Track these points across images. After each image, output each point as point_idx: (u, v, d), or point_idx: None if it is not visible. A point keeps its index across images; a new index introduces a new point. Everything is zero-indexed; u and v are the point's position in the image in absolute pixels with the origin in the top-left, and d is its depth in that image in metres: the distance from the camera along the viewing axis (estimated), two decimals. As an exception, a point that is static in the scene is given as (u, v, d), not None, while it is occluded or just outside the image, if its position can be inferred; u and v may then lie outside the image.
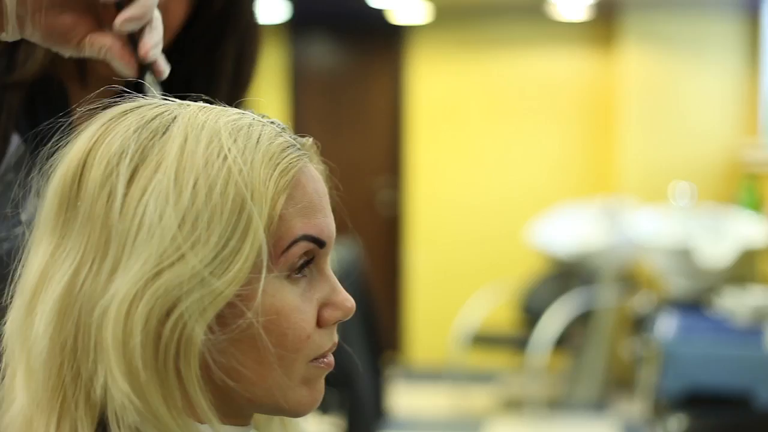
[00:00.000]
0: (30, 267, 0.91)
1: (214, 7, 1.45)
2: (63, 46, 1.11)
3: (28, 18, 1.07)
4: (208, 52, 1.47)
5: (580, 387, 6.75)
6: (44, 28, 1.08)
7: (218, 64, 1.47)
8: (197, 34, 1.45)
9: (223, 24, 1.47)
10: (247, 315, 0.87)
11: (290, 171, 0.91)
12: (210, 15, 1.45)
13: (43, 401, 0.87)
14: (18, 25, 1.08)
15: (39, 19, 1.08)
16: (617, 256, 6.66)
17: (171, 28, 1.39)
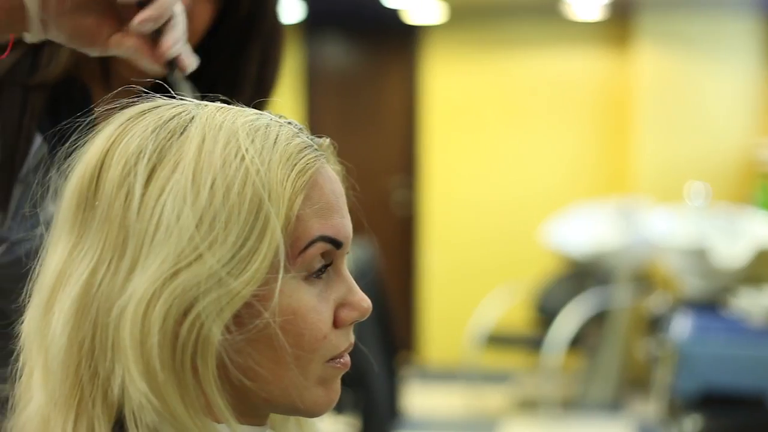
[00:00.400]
0: (48, 266, 0.91)
1: (240, 13, 1.46)
2: (88, 47, 1.12)
3: (51, 21, 1.08)
4: (232, 56, 1.48)
5: (595, 387, 6.74)
6: (68, 30, 1.09)
7: (243, 68, 1.48)
8: (222, 38, 1.46)
9: (248, 29, 1.48)
10: (264, 315, 0.87)
11: (307, 171, 0.91)
12: (235, 20, 1.46)
13: (61, 400, 0.87)
14: (42, 27, 1.08)
15: (63, 22, 1.08)
16: (632, 256, 6.64)
17: (196, 33, 1.40)
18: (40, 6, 1.07)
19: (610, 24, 7.49)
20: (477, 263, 7.68)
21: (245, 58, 1.48)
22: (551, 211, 7.22)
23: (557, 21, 7.55)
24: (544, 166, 7.65)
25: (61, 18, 1.08)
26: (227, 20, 1.46)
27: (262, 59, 1.50)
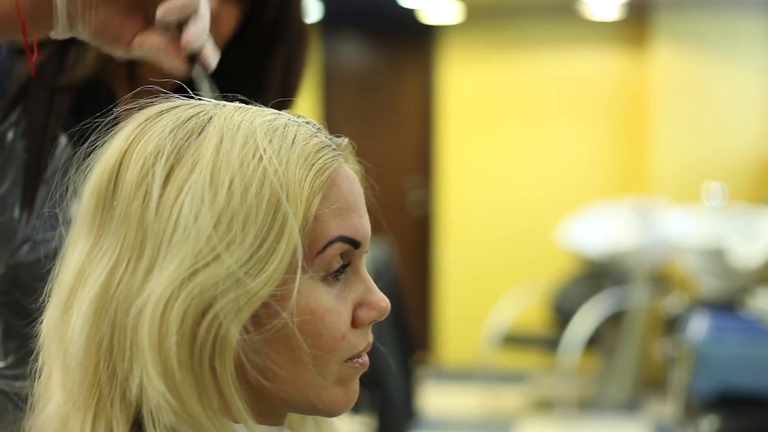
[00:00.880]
0: (67, 266, 0.91)
1: (265, 19, 1.46)
2: (113, 46, 1.11)
3: (78, 16, 1.08)
4: (257, 62, 1.48)
5: (612, 388, 6.73)
6: (95, 26, 1.09)
7: (266, 74, 1.48)
8: (247, 44, 1.46)
9: (272, 36, 1.48)
10: (282, 315, 0.87)
11: (325, 171, 0.91)
12: (260, 26, 1.46)
13: (79, 400, 0.87)
14: (68, 23, 1.08)
15: (89, 18, 1.08)
16: (649, 257, 6.63)
17: (221, 37, 1.41)
18: (67, 1, 1.07)
19: (626, 23, 7.48)
20: (493, 263, 7.67)
21: (269, 65, 1.49)
22: (568, 211, 7.21)
23: (574, 20, 7.53)
24: (560, 165, 7.63)
25: (88, 12, 1.08)
26: (252, 26, 1.46)
27: (286, 66, 1.50)
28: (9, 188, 1.31)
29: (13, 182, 1.31)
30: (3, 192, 1.31)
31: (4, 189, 1.31)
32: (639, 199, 6.98)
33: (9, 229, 1.30)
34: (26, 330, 0.99)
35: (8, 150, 1.31)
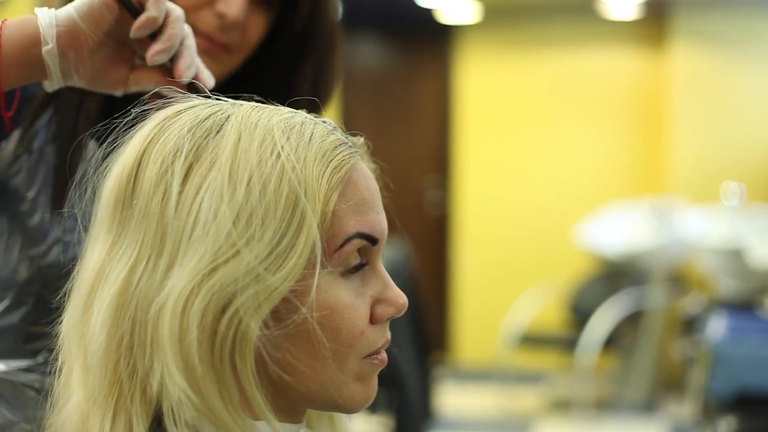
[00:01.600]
0: (87, 265, 0.92)
1: (295, 27, 1.46)
2: (110, 89, 1.14)
3: (72, 70, 1.10)
4: (286, 71, 1.48)
5: (629, 388, 6.71)
6: (89, 75, 1.12)
7: (296, 83, 1.48)
8: (277, 53, 1.47)
9: (302, 45, 1.48)
10: (302, 310, 0.88)
11: (342, 168, 0.92)
12: (290, 35, 1.46)
13: (99, 398, 0.88)
14: (63, 77, 1.11)
15: (83, 70, 1.11)
16: (667, 257, 6.61)
17: (248, 45, 1.42)
18: (59, 58, 1.09)
19: (645, 23, 7.46)
20: (511, 263, 7.67)
21: (299, 73, 1.49)
22: (586, 211, 7.20)
23: (592, 20, 7.53)
24: (578, 165, 7.63)
25: (81, 65, 1.10)
26: (282, 34, 1.46)
27: (315, 74, 1.50)
28: (39, 191, 1.32)
29: (43, 185, 1.32)
30: (34, 194, 1.32)
31: (35, 191, 1.33)
32: (657, 199, 6.96)
33: (40, 230, 1.31)
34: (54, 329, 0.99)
35: (38, 153, 1.33)
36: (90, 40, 1.10)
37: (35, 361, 1.31)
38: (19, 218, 1.32)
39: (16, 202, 1.33)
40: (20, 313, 1.32)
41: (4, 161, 1.33)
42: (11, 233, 1.32)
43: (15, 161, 1.33)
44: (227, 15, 1.36)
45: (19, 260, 1.32)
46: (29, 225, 1.32)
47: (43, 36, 1.09)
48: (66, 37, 1.10)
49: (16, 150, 1.33)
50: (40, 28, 1.09)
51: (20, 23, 1.10)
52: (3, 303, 1.32)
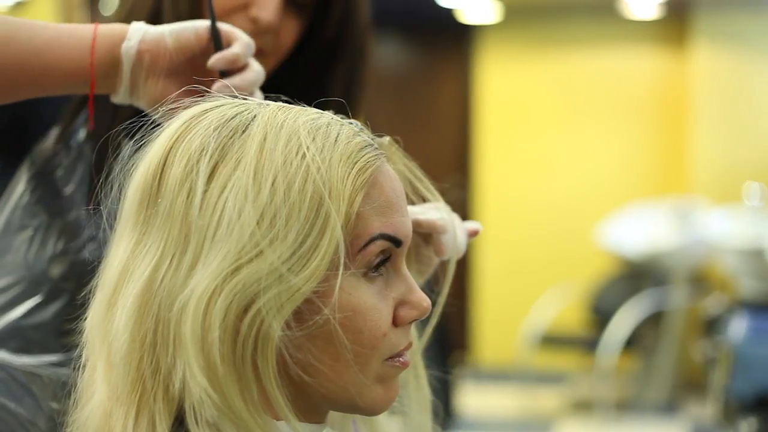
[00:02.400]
0: (111, 263, 0.93)
1: (327, 34, 1.47)
2: None
3: (141, 83, 1.13)
4: (318, 76, 1.50)
5: (650, 389, 6.70)
6: (152, 94, 1.14)
7: (328, 87, 1.49)
8: (309, 58, 1.48)
9: (334, 50, 1.49)
10: (324, 311, 0.88)
11: (368, 170, 0.91)
12: (322, 41, 1.48)
13: (123, 395, 0.88)
14: (130, 87, 1.14)
15: (151, 84, 1.13)
16: (688, 257, 6.59)
17: (281, 50, 1.43)
18: (134, 60, 1.12)
19: (666, 22, 7.44)
20: (531, 263, 7.66)
21: (331, 77, 1.50)
22: (607, 211, 7.18)
23: (613, 19, 7.51)
24: (599, 165, 7.61)
25: (151, 79, 1.12)
26: (314, 40, 1.48)
27: (347, 81, 1.51)
28: (76, 187, 1.34)
29: (80, 181, 1.34)
30: (71, 191, 1.34)
31: (72, 187, 1.34)
32: (678, 199, 6.94)
33: (76, 227, 1.33)
34: None
35: (77, 149, 1.34)
36: (169, 58, 1.14)
37: (67, 355, 1.32)
38: (56, 213, 1.34)
39: (53, 197, 1.35)
40: (54, 308, 1.33)
41: (44, 156, 1.35)
42: (48, 228, 1.34)
43: (54, 157, 1.35)
44: (261, 20, 1.37)
45: (54, 256, 1.33)
46: (66, 221, 1.34)
47: (129, 33, 1.14)
48: (149, 43, 1.14)
49: (55, 146, 1.34)
50: (128, 29, 1.14)
51: (112, 27, 1.15)
52: (36, 298, 1.34)
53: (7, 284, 1.35)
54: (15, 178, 1.36)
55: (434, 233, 1.16)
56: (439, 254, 1.17)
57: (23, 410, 1.33)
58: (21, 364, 1.34)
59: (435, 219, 1.15)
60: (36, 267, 1.34)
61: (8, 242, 1.36)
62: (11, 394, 1.34)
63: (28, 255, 1.34)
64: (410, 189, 1.05)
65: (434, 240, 1.16)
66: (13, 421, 1.33)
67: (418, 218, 1.14)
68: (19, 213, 1.36)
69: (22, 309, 1.34)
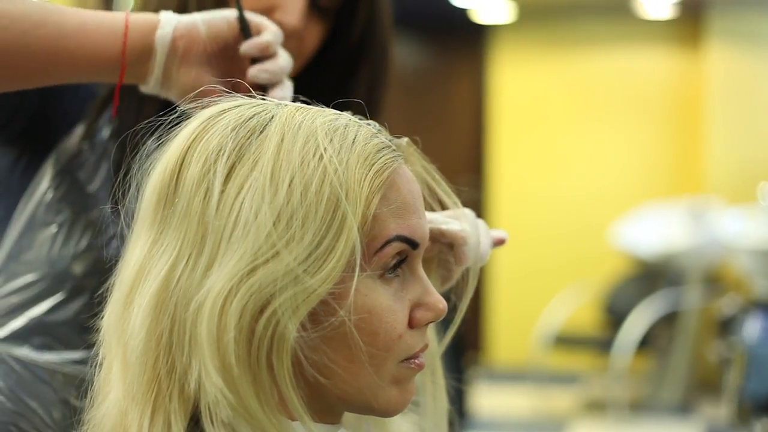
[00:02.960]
0: (128, 262, 0.93)
1: (351, 37, 1.48)
2: None
3: (174, 70, 1.14)
4: (342, 79, 1.50)
5: (664, 389, 6.68)
6: (184, 84, 1.16)
7: (351, 91, 1.50)
8: (333, 61, 1.49)
9: (358, 53, 1.50)
10: (340, 313, 0.88)
11: (385, 171, 0.91)
12: (346, 44, 1.48)
13: (138, 394, 0.88)
14: (162, 76, 1.15)
15: (184, 72, 1.14)
16: (703, 257, 6.58)
17: (306, 53, 1.44)
18: (169, 49, 1.14)
19: (680, 22, 7.43)
20: (545, 263, 7.65)
21: (355, 80, 1.51)
22: (621, 211, 7.17)
23: (627, 19, 7.50)
24: (613, 165, 7.60)
25: (184, 67, 1.13)
26: (338, 43, 1.48)
27: (370, 83, 1.52)
28: (101, 185, 1.35)
29: (105, 179, 1.35)
30: (95, 188, 1.35)
31: (97, 185, 1.35)
32: (693, 199, 6.93)
33: (99, 224, 1.33)
34: None
35: (102, 147, 1.35)
36: (203, 46, 1.16)
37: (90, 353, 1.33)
38: (80, 211, 1.35)
39: (77, 194, 1.35)
40: (76, 305, 1.34)
41: (68, 153, 1.35)
42: (72, 225, 1.35)
43: (78, 154, 1.35)
44: (285, 24, 1.37)
45: (77, 253, 1.34)
46: (89, 218, 1.34)
47: (162, 21, 1.15)
48: (182, 31, 1.15)
49: (80, 143, 1.35)
50: (160, 17, 1.15)
51: (143, 15, 1.16)
52: (58, 296, 1.35)
53: (30, 281, 1.36)
54: (39, 174, 1.37)
55: (456, 244, 1.16)
56: (459, 263, 1.17)
57: (44, 407, 1.34)
58: (43, 361, 1.35)
59: (457, 230, 1.15)
60: (59, 264, 1.35)
61: (31, 239, 1.36)
62: (33, 391, 1.34)
63: (51, 252, 1.35)
64: (427, 191, 1.05)
65: (456, 250, 1.16)
66: (34, 418, 1.34)
67: (441, 228, 1.14)
68: (42, 209, 1.36)
69: (45, 306, 1.35)
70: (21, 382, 1.35)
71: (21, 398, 1.34)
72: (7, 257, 1.38)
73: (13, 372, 1.35)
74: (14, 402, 1.34)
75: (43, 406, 1.34)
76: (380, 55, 1.53)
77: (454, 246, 1.16)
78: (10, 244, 1.38)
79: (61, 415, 1.34)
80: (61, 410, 1.34)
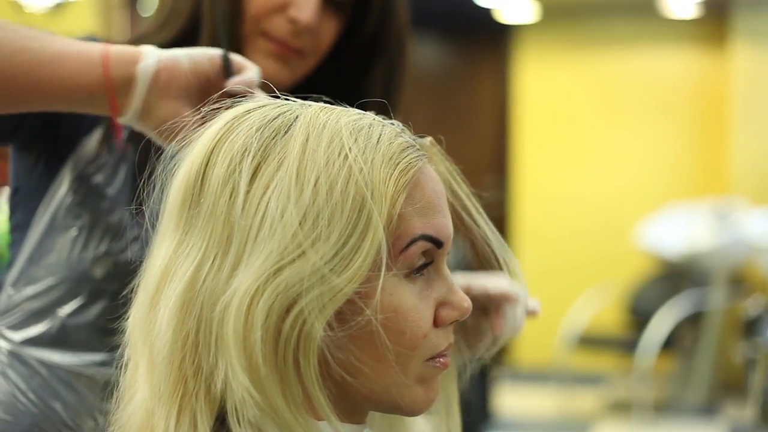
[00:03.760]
0: (153, 263, 0.93)
1: (366, 32, 1.48)
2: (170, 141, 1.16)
3: (154, 102, 1.13)
4: (358, 74, 1.50)
5: (689, 390, 6.66)
6: (163, 116, 1.15)
7: (367, 86, 1.50)
8: (349, 56, 1.48)
9: (373, 49, 1.49)
10: (366, 312, 0.88)
11: (410, 171, 0.91)
12: (361, 39, 1.48)
13: (165, 394, 0.89)
14: (142, 109, 1.14)
15: (163, 106, 1.13)
16: (728, 258, 6.55)
17: (321, 50, 1.44)
18: (151, 80, 1.13)
19: (705, 21, 7.40)
20: (569, 264, 7.63)
21: (371, 76, 1.50)
22: (645, 212, 7.15)
23: (652, 19, 7.47)
24: (638, 166, 7.58)
25: (164, 101, 1.12)
26: (353, 39, 1.48)
27: (386, 80, 1.51)
28: (120, 188, 1.35)
29: (124, 182, 1.35)
30: (114, 192, 1.35)
31: (116, 189, 1.35)
32: (718, 199, 6.90)
33: (119, 227, 1.34)
34: None
35: (120, 151, 1.35)
36: (186, 80, 1.15)
37: (111, 355, 1.34)
38: (100, 214, 1.35)
39: (97, 198, 1.35)
40: (97, 308, 1.35)
41: (87, 157, 1.36)
42: (91, 229, 1.35)
43: (97, 158, 1.36)
44: (300, 20, 1.37)
45: (97, 257, 1.34)
46: (109, 222, 1.35)
47: (145, 53, 1.15)
48: (166, 62, 1.15)
49: (98, 147, 1.35)
50: (142, 50, 1.15)
51: (126, 47, 1.16)
52: (79, 299, 1.35)
53: (51, 284, 1.36)
54: (58, 178, 1.37)
55: (504, 302, 1.15)
56: (496, 329, 1.16)
57: (67, 410, 1.35)
58: (66, 364, 1.36)
59: (507, 289, 1.14)
60: (79, 267, 1.35)
61: (51, 243, 1.37)
62: (55, 393, 1.35)
63: (71, 255, 1.36)
64: (449, 192, 1.05)
65: (499, 311, 1.15)
66: (57, 421, 1.35)
67: (487, 287, 1.13)
68: (62, 213, 1.37)
69: (67, 309, 1.36)
70: (44, 384, 1.36)
71: (45, 400, 1.35)
72: (28, 261, 1.39)
73: (37, 374, 1.36)
74: (38, 404, 1.35)
75: (66, 408, 1.35)
76: (396, 51, 1.52)
77: (501, 306, 1.15)
78: (30, 248, 1.39)
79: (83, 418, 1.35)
80: (83, 413, 1.35)
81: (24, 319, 1.38)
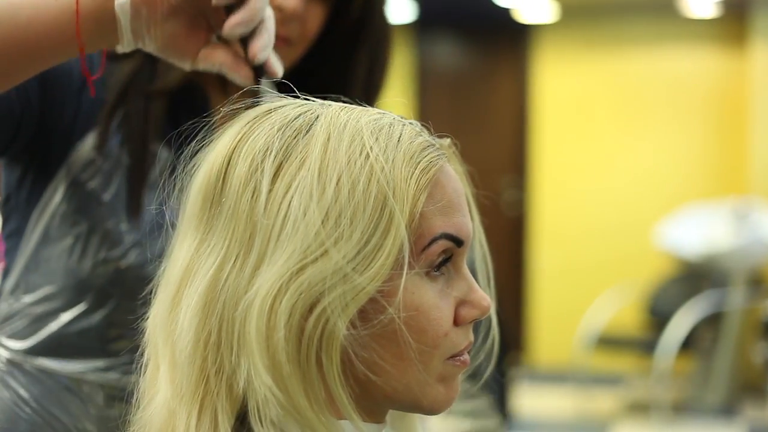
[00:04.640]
0: (174, 263, 0.93)
1: (350, 19, 1.48)
2: (179, 59, 1.14)
3: (143, 31, 1.10)
4: (342, 60, 1.50)
5: (708, 391, 6.64)
6: (160, 40, 1.11)
7: (352, 72, 1.50)
8: (333, 43, 1.48)
9: (357, 33, 1.50)
10: (389, 311, 0.88)
11: (430, 170, 0.92)
12: (345, 25, 1.48)
13: (187, 394, 0.89)
14: (134, 39, 1.10)
15: (154, 33, 1.10)
16: (747, 258, 6.53)
17: (308, 36, 1.43)
18: (131, 15, 1.09)
19: (724, 21, 7.38)
20: (588, 264, 7.62)
21: (354, 62, 1.50)
22: (664, 212, 7.13)
23: (671, 18, 7.45)
24: (657, 166, 7.56)
25: (153, 28, 1.10)
26: (337, 25, 1.48)
27: (370, 63, 1.52)
28: (115, 194, 1.35)
29: (119, 188, 1.35)
30: (110, 198, 1.35)
31: (111, 194, 1.35)
32: (738, 200, 6.88)
33: (116, 233, 1.33)
34: (132, 330, 1.01)
35: (115, 157, 1.35)
36: (166, 2, 1.10)
37: (113, 361, 1.34)
38: (96, 221, 1.35)
39: (92, 204, 1.35)
40: (98, 315, 1.35)
41: (81, 163, 1.35)
42: (88, 236, 1.35)
43: (90, 164, 1.35)
44: (285, 8, 1.37)
45: (96, 263, 1.34)
46: (106, 228, 1.34)
47: None
48: None
49: (92, 153, 1.35)
50: None
51: None
52: (80, 306, 1.35)
53: (50, 292, 1.36)
54: (50, 187, 1.36)
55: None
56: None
57: (70, 417, 1.35)
58: (68, 371, 1.36)
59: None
60: (78, 275, 1.35)
61: (49, 252, 1.36)
62: (58, 401, 1.36)
63: (69, 263, 1.35)
64: None
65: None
66: (60, 428, 1.35)
67: None
68: (57, 222, 1.36)
69: (67, 317, 1.36)
70: (46, 392, 1.36)
71: (47, 408, 1.35)
72: (25, 269, 1.38)
73: (39, 382, 1.36)
74: (40, 412, 1.35)
75: (70, 415, 1.35)
76: (379, 35, 1.52)
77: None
78: (26, 257, 1.38)
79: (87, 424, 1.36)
80: (87, 419, 1.36)
81: (23, 327, 1.38)
